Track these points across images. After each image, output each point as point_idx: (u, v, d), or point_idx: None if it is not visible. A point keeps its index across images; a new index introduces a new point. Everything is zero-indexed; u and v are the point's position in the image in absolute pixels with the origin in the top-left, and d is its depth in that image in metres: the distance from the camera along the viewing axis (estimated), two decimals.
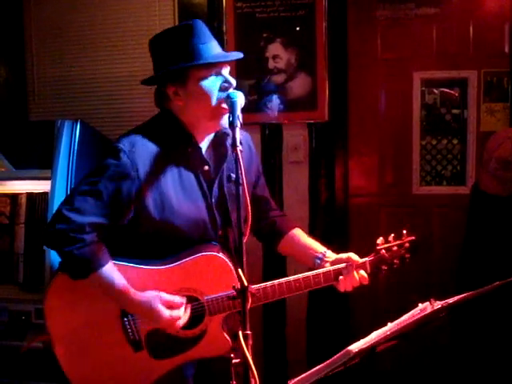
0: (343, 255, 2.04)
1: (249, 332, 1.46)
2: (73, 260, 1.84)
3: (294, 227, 2.22)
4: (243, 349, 1.42)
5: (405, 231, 2.07)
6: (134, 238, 1.94)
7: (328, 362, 1.45)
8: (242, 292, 1.50)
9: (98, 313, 1.92)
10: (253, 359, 1.42)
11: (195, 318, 1.94)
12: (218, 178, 1.99)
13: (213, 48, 1.91)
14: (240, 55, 1.98)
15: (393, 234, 2.06)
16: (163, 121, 1.98)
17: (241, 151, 1.67)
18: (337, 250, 2.09)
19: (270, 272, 3.33)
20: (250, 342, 1.45)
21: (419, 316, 1.63)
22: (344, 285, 2.00)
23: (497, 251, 2.87)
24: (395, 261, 2.05)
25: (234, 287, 1.51)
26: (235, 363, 1.52)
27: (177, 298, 1.89)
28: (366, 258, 2.03)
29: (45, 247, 2.76)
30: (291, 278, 1.97)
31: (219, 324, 1.94)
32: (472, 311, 2.78)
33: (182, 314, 1.89)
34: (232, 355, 1.54)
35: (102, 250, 1.87)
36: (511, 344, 2.88)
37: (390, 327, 1.58)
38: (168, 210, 1.90)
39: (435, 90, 3.48)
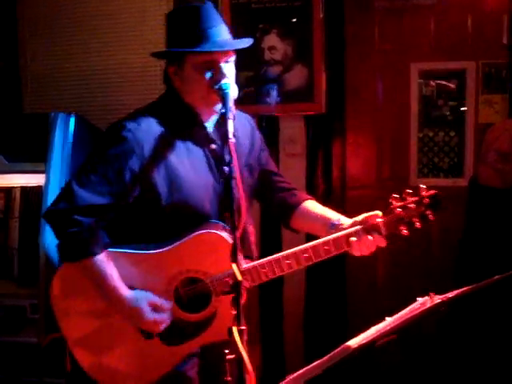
0: (358, 218, 1.88)
1: (243, 327, 1.43)
2: (67, 241, 1.83)
3: (306, 199, 2.12)
4: (237, 344, 1.39)
5: (423, 186, 1.81)
6: (138, 220, 1.92)
7: (326, 357, 1.43)
8: (236, 286, 1.47)
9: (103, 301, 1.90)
10: (248, 355, 1.39)
11: (202, 300, 1.90)
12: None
13: (216, 34, 1.87)
14: (241, 44, 1.93)
15: (409, 190, 1.81)
16: (168, 99, 1.98)
17: (234, 144, 1.65)
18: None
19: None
20: (246, 337, 1.42)
21: (419, 311, 1.60)
22: (358, 249, 1.84)
23: (496, 245, 2.85)
24: (414, 220, 1.79)
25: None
26: (230, 359, 1.48)
27: (164, 302, 1.87)
28: (380, 219, 1.82)
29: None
30: (300, 247, 1.85)
31: (229, 304, 1.72)
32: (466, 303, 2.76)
33: (166, 319, 1.87)
34: (227, 351, 1.49)
35: (99, 239, 1.84)
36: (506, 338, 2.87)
37: (389, 322, 1.55)
38: (175, 186, 1.88)
39: (432, 82, 3.44)
